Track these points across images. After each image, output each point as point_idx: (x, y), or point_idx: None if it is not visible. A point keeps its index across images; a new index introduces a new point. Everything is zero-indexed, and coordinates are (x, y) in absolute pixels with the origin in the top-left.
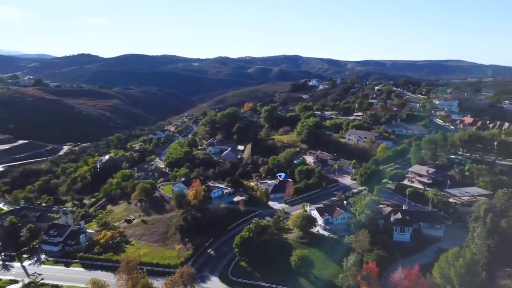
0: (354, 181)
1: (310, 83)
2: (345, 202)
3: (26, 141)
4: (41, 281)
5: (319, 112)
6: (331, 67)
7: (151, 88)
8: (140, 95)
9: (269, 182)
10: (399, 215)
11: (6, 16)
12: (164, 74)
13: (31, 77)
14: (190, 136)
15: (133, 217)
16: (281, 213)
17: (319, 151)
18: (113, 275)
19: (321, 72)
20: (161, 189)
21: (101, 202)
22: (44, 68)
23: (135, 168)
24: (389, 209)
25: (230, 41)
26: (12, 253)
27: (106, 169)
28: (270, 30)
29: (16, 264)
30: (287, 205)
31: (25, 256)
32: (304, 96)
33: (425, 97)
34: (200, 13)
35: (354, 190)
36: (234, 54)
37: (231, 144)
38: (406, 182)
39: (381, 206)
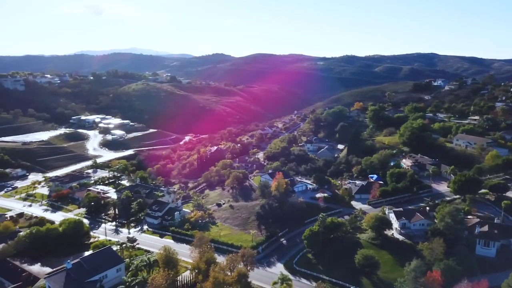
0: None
1: (435, 83)
2: (427, 208)
3: (155, 130)
4: (137, 246)
5: (430, 114)
6: (472, 66)
7: (273, 87)
8: (261, 93)
9: (357, 182)
10: (485, 228)
11: (158, 20)
12: (289, 73)
13: (169, 74)
14: (295, 132)
15: (223, 202)
16: (359, 213)
17: (419, 154)
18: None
19: (460, 72)
20: (252, 179)
21: (201, 186)
22: (184, 66)
23: (237, 159)
24: (476, 220)
25: (358, 40)
26: (124, 221)
27: (212, 158)
28: (403, 25)
29: (125, 230)
30: (370, 207)
31: (132, 224)
32: (426, 97)
33: None
34: (328, 13)
35: (448, 198)
36: (361, 53)
37: (331, 142)
38: (509, 194)
39: (470, 216)
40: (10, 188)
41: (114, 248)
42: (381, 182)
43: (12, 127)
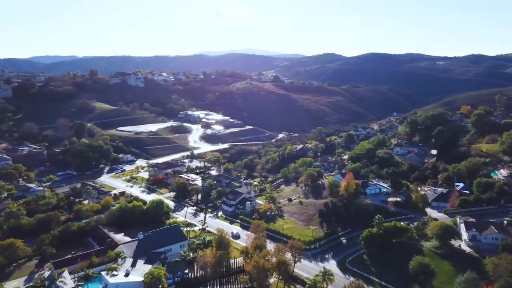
0: None
1: None
2: (505, 222)
3: (251, 127)
4: (207, 228)
5: None
6: None
7: (380, 87)
8: (366, 93)
9: (438, 189)
10: None
11: (275, 21)
12: (402, 73)
13: (273, 74)
14: (388, 135)
15: (294, 198)
16: (428, 220)
17: None
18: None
19: None
20: (325, 178)
21: (279, 181)
22: (293, 66)
23: (319, 158)
24: None
25: (487, 37)
26: (203, 207)
27: (294, 155)
28: None
29: (202, 215)
30: (445, 216)
31: (209, 210)
32: None
33: None
34: (455, 7)
35: None
36: (491, 51)
37: (424, 147)
38: None
39: None
40: (119, 171)
41: (185, 229)
42: (467, 191)
43: (129, 119)
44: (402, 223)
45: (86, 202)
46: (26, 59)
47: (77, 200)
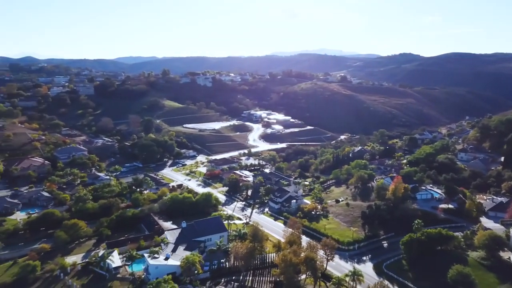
0: None
1: None
2: None
3: (312, 127)
4: (250, 223)
5: None
6: None
7: (458, 89)
8: (441, 95)
9: (498, 199)
10: None
11: (350, 20)
12: (486, 74)
13: (342, 74)
14: (453, 139)
15: (342, 199)
16: (479, 228)
17: None
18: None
19: None
20: (376, 181)
21: (329, 182)
22: (366, 67)
23: (376, 161)
24: None
25: None
26: (251, 202)
27: (350, 157)
28: None
29: (249, 210)
30: (501, 226)
31: (257, 206)
32: None
33: None
34: None
35: None
36: None
37: (493, 154)
38: None
39: None
40: (180, 165)
41: (226, 221)
42: None
43: (195, 117)
44: (447, 231)
45: (146, 192)
46: (112, 60)
47: (138, 189)
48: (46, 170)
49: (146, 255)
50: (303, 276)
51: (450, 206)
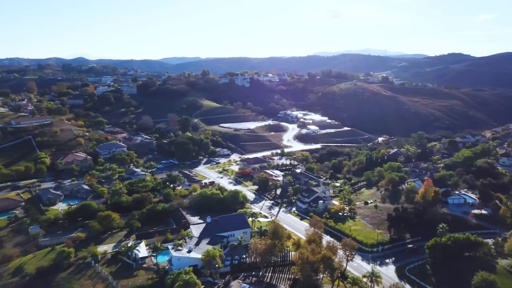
0: None
1: None
2: None
3: (349, 128)
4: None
5: None
6: None
7: (509, 91)
8: (491, 97)
9: None
10: None
11: (396, 20)
12: None
13: (384, 75)
14: (495, 143)
15: (371, 201)
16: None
17: None
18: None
19: None
20: (407, 183)
21: (360, 184)
22: (411, 67)
23: (411, 164)
24: None
25: None
26: (279, 201)
27: (384, 159)
28: None
29: (277, 209)
30: None
31: (284, 205)
32: None
33: None
34: None
35: None
36: None
37: None
38: None
39: None
40: (214, 163)
41: (250, 219)
42: None
43: (232, 116)
44: (476, 236)
45: (179, 188)
46: (157, 60)
47: (171, 185)
48: (87, 165)
49: (170, 247)
50: (322, 275)
51: (484, 211)
